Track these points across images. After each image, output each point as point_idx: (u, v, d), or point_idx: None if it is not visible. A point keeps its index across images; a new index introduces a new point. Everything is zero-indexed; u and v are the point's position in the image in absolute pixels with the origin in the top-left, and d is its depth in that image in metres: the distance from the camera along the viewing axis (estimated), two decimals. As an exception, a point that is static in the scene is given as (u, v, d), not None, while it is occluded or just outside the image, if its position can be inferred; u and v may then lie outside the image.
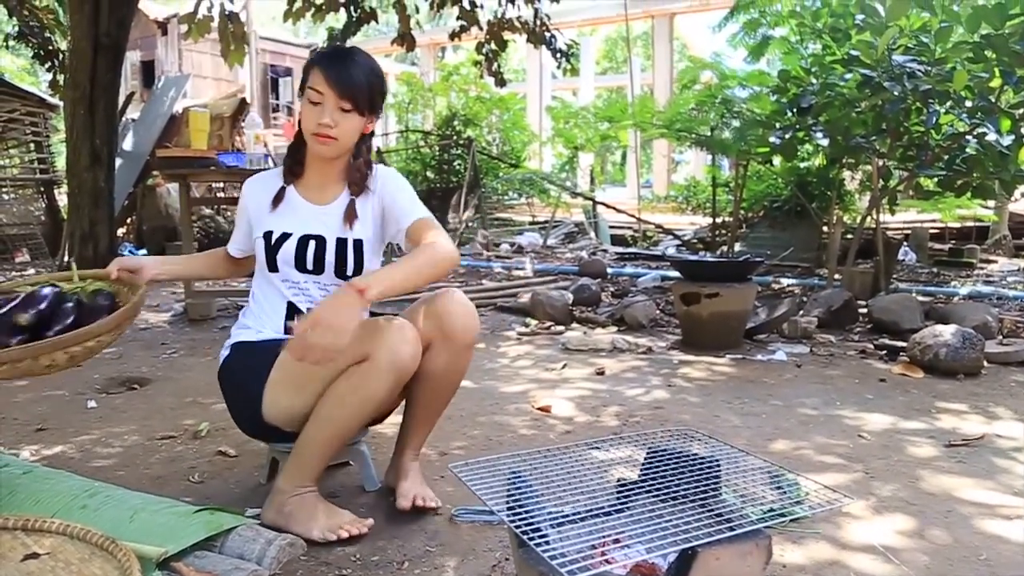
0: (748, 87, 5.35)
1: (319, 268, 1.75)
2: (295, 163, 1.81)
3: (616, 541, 1.13)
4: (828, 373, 3.13)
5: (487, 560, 1.52)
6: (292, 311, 1.75)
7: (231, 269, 1.96)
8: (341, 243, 1.74)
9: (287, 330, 1.72)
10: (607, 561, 1.08)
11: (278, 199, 1.78)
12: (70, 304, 1.61)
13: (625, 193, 15.43)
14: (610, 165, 23.50)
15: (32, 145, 7.68)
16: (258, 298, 1.80)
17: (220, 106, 8.54)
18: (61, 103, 6.92)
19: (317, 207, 1.78)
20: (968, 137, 4.10)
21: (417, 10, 6.74)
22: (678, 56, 15.44)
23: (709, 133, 5.75)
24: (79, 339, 1.50)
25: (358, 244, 1.75)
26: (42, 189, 7.76)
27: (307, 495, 1.63)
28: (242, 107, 8.48)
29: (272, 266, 1.75)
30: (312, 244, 1.74)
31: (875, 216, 4.81)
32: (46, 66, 7.80)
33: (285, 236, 1.75)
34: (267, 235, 1.75)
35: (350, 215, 1.75)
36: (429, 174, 10.40)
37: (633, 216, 9.39)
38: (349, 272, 1.74)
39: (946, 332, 3.11)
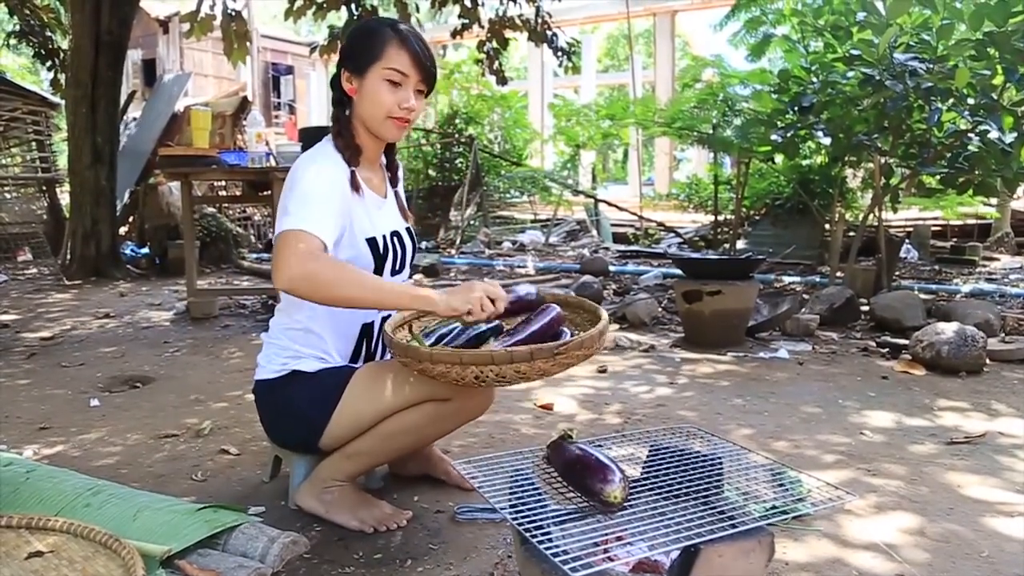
0: (750, 85, 5.34)
1: (403, 265, 1.70)
2: (355, 145, 1.61)
3: (619, 538, 1.13)
4: (830, 371, 3.13)
5: (489, 558, 1.52)
6: (365, 333, 1.69)
7: None
8: (409, 234, 1.72)
9: (361, 354, 1.71)
10: (610, 558, 1.08)
11: (355, 186, 1.59)
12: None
13: (627, 191, 15.42)
14: (612, 163, 23.49)
15: (34, 144, 7.68)
16: (322, 320, 1.62)
17: (222, 104, 8.56)
18: (63, 102, 6.93)
19: (380, 199, 1.67)
20: (970, 135, 4.09)
21: (418, 8, 6.75)
22: (680, 54, 15.43)
23: (711, 131, 5.75)
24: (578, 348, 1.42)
25: (412, 233, 1.74)
26: (44, 188, 7.77)
27: (347, 486, 1.67)
28: (244, 105, 8.50)
29: (377, 274, 1.64)
30: (396, 241, 1.67)
31: (877, 214, 4.80)
32: (47, 65, 7.81)
33: (384, 238, 1.62)
34: (372, 242, 1.60)
35: (403, 208, 1.74)
36: (431, 172, 10.40)
37: (635, 214, 9.39)
38: (412, 262, 1.73)
39: (948, 330, 3.10)
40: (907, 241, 6.96)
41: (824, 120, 4.34)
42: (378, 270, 1.63)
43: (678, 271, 3.94)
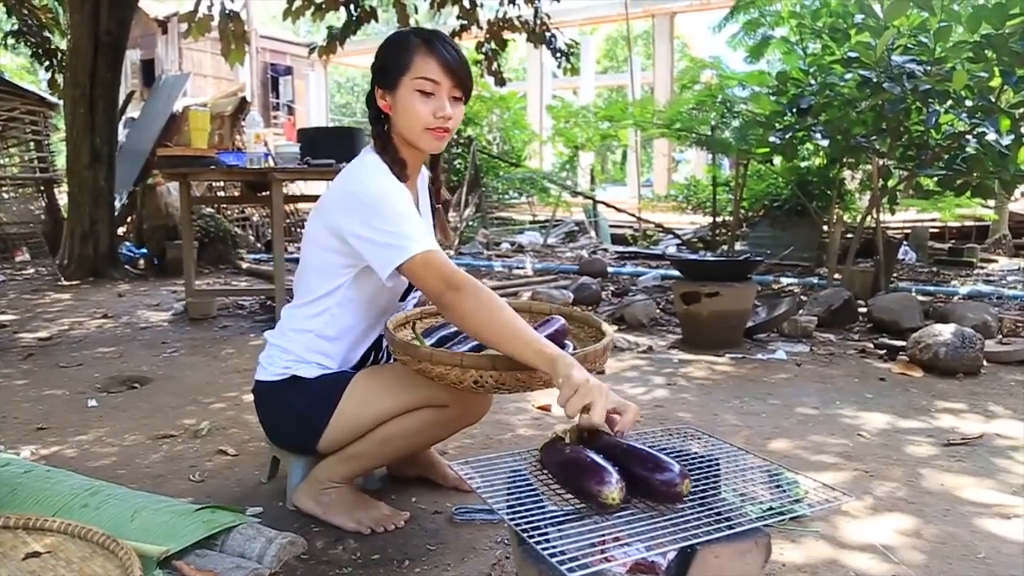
0: (748, 87, 5.35)
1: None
2: (401, 160, 1.57)
3: (616, 539, 1.13)
4: (828, 372, 3.14)
5: (487, 558, 1.52)
6: (374, 345, 1.70)
7: None
8: None
9: (368, 362, 1.70)
10: (607, 559, 1.09)
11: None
12: None
13: (625, 192, 15.44)
14: (610, 164, 23.51)
15: (32, 144, 7.68)
16: (341, 326, 1.62)
17: (220, 105, 8.56)
18: (61, 102, 6.92)
19: (422, 219, 1.60)
20: (968, 137, 4.10)
21: (416, 10, 6.74)
22: (679, 55, 15.43)
23: (709, 133, 5.75)
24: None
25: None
26: (42, 188, 7.76)
27: (344, 487, 1.67)
28: (242, 106, 8.50)
29: (408, 293, 1.65)
30: None
31: (875, 215, 4.81)
32: (45, 65, 7.80)
33: None
34: None
35: (444, 225, 1.71)
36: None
37: (633, 215, 9.39)
38: None
39: (946, 331, 3.11)
40: (905, 243, 6.98)
41: (822, 122, 4.35)
42: (408, 291, 1.67)
43: (676, 272, 3.95)
